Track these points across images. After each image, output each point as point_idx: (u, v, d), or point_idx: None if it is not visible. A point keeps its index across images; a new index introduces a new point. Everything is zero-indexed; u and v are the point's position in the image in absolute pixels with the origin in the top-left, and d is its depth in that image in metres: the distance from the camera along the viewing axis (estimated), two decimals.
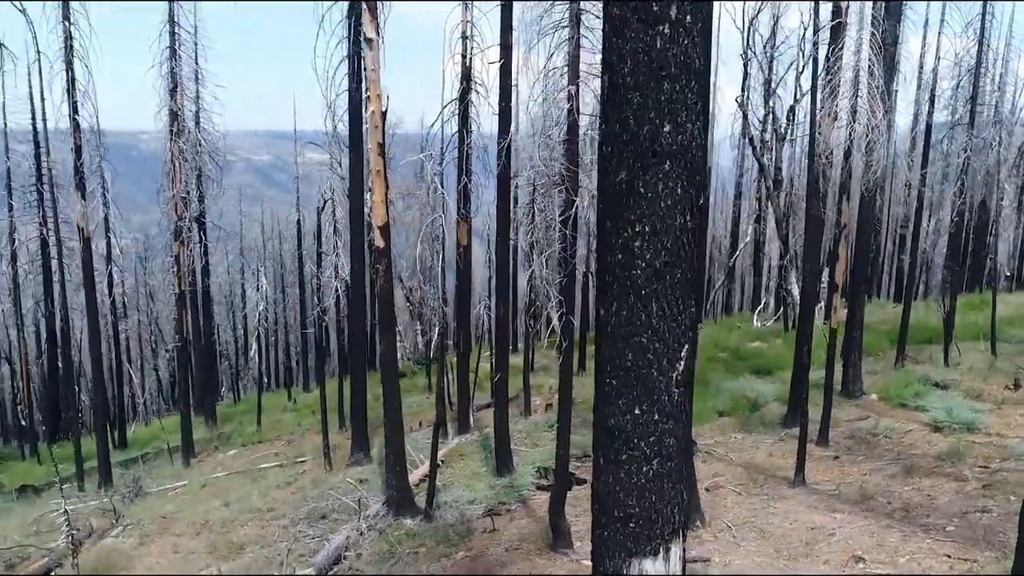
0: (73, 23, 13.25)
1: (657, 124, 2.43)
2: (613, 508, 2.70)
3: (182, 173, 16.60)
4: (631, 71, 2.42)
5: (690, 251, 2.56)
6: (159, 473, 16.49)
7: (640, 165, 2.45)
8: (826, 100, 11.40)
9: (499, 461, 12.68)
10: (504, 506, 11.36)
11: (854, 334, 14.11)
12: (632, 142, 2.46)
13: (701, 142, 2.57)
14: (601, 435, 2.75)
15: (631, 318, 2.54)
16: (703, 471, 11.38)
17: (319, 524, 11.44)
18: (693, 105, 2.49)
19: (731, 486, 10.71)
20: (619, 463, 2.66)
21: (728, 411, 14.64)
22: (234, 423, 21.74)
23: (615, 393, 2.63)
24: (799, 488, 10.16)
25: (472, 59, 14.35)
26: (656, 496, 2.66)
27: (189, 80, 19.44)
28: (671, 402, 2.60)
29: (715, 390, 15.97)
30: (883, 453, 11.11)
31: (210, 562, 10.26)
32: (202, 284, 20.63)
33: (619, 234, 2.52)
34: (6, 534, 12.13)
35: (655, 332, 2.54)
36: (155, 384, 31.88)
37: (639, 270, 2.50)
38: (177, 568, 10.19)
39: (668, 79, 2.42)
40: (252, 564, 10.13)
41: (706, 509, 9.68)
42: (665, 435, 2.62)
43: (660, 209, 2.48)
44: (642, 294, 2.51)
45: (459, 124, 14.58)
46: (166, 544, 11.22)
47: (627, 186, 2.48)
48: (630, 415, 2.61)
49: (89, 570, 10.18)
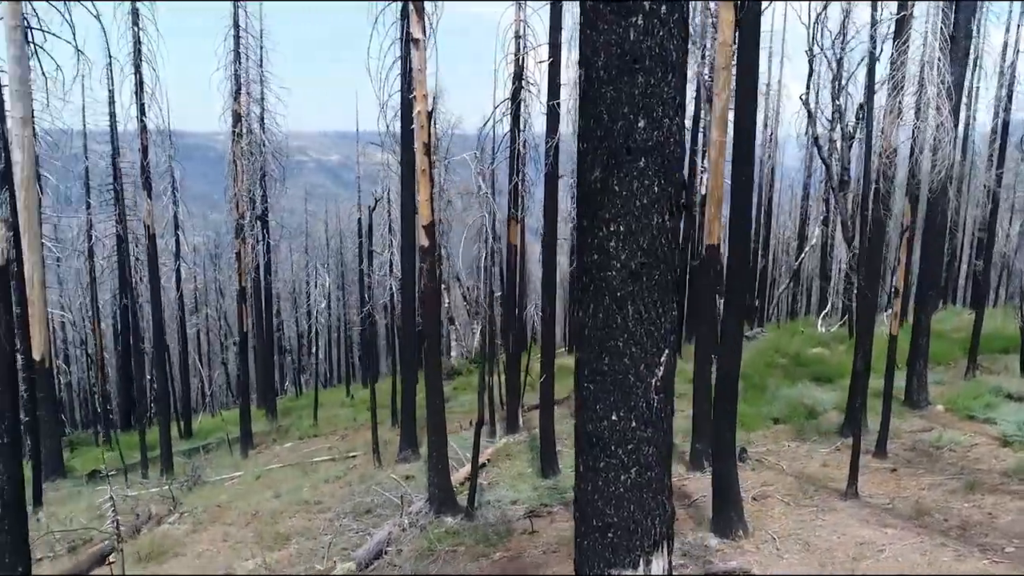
0: (142, 28, 13.84)
1: (631, 119, 2.33)
2: (592, 517, 2.61)
3: (244, 173, 17.11)
4: (604, 65, 2.33)
5: (669, 252, 2.45)
6: (218, 463, 17.03)
7: (614, 162, 2.36)
8: (889, 97, 10.94)
9: (544, 462, 12.60)
10: (546, 508, 11.27)
11: (920, 341, 13.48)
12: (606, 138, 2.37)
13: (679, 138, 2.45)
14: (581, 441, 2.66)
15: (607, 321, 2.45)
16: (752, 480, 11.06)
17: (363, 519, 11.59)
18: (670, 100, 2.38)
19: (779, 496, 10.36)
20: (597, 470, 2.57)
21: (783, 418, 14.18)
22: (293, 417, 22.29)
23: (592, 398, 2.54)
24: (851, 500, 9.75)
25: (524, 58, 14.32)
26: (635, 506, 2.55)
27: (254, 82, 20.04)
28: (649, 409, 2.50)
29: (771, 396, 15.50)
30: (945, 467, 10.57)
31: (256, 552, 10.50)
32: (264, 281, 21.21)
33: (594, 233, 2.43)
34: (73, 517, 12.69)
35: (632, 336, 2.44)
36: (223, 377, 32.99)
37: (614, 271, 2.41)
38: (224, 555, 10.48)
39: (642, 72, 2.32)
40: (296, 555, 10.33)
41: (750, 519, 9.39)
42: (643, 443, 2.51)
43: (635, 208, 2.38)
44: (617, 296, 2.42)
45: (511, 124, 14.58)
46: (217, 532, 11.55)
47: (601, 184, 2.39)
48: (607, 421, 2.52)
49: (143, 553, 10.57)
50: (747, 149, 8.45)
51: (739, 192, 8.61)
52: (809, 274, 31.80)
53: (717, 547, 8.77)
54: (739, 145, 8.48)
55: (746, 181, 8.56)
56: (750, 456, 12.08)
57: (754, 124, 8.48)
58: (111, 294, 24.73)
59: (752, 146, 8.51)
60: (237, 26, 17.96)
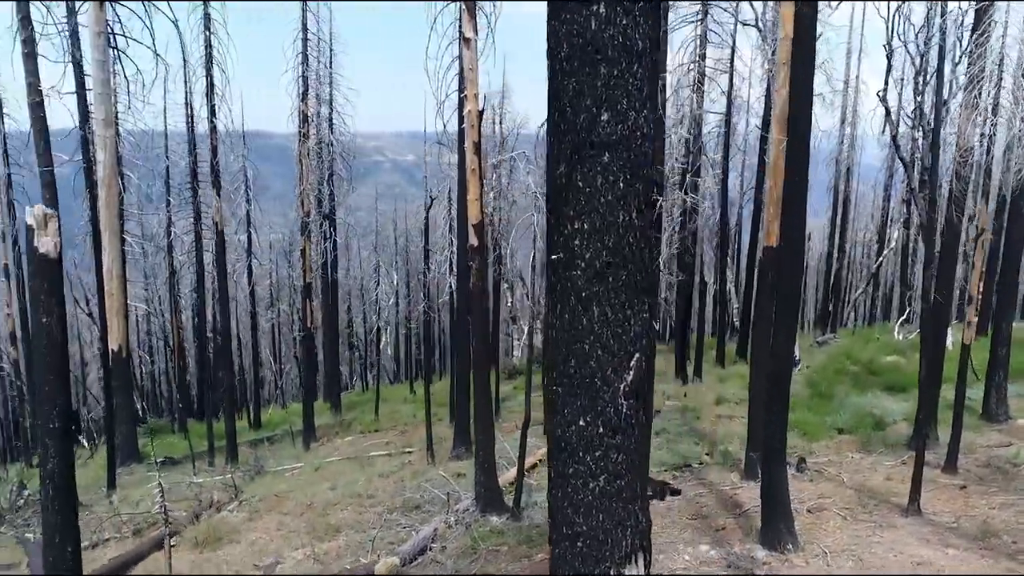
0: (213, 32, 14.38)
1: (594, 112, 2.23)
2: (562, 524, 2.52)
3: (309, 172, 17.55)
4: (567, 56, 2.24)
5: (638, 251, 2.33)
6: (281, 454, 17.52)
7: (577, 157, 2.26)
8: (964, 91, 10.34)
9: None
10: None
11: (999, 351, 12.70)
12: (569, 132, 2.27)
13: (648, 132, 2.33)
14: (551, 445, 2.58)
15: (572, 322, 2.36)
16: (808, 491, 10.63)
17: (412, 514, 11.70)
18: (636, 91, 2.26)
19: (836, 509, 9.90)
20: (566, 476, 2.48)
21: (849, 428, 13.60)
22: (357, 411, 22.73)
23: (560, 402, 2.45)
24: (912, 517, 9.24)
25: None
26: (604, 515, 2.45)
27: (324, 84, 20.52)
28: (618, 415, 2.39)
29: (838, 405, 14.90)
30: (1021, 486, 9.91)
31: (306, 541, 10.73)
32: (331, 278, 21.72)
33: (560, 231, 2.34)
34: (141, 500, 13.25)
35: (597, 338, 2.34)
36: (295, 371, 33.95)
37: (579, 270, 2.31)
38: (276, 543, 10.75)
39: (605, 63, 2.21)
40: (344, 547, 10.51)
41: (803, 532, 9.01)
42: (612, 450, 2.41)
43: (600, 205, 2.28)
44: (583, 296, 2.32)
45: None
46: (272, 521, 11.87)
47: (566, 179, 2.30)
48: (575, 426, 2.42)
49: (200, 539, 10.95)
50: (801, 148, 8.10)
51: (792, 192, 8.27)
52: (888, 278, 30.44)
53: (764, 559, 8.46)
54: (793, 144, 8.15)
55: (800, 181, 8.21)
56: (809, 466, 11.62)
57: (809, 122, 8.11)
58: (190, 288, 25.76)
59: (806, 145, 8.16)
60: (305, 28, 18.43)
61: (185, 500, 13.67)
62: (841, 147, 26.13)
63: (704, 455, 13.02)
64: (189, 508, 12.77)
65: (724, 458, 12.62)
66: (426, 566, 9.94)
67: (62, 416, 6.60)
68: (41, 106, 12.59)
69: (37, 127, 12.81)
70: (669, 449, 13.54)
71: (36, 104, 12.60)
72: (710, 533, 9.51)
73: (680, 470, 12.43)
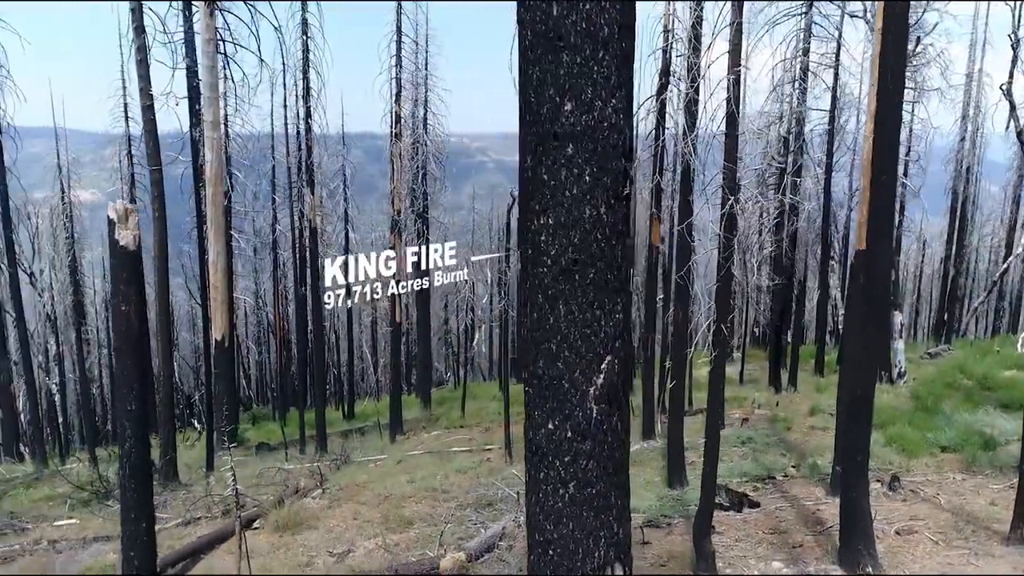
0: (310, 37, 14.98)
1: (557, 102, 2.13)
2: (535, 531, 2.44)
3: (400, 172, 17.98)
4: (531, 43, 2.15)
5: (608, 248, 2.21)
6: (369, 445, 18.03)
7: (542, 149, 2.17)
8: None
9: (671, 473, 12.13)
10: (666, 519, 10.82)
11: None
12: (534, 123, 2.18)
13: (617, 122, 2.20)
14: (526, 449, 2.49)
15: (540, 321, 2.26)
16: (900, 511, 9.94)
17: (484, 511, 11.76)
18: (602, 80, 2.14)
19: (928, 533, 9.20)
20: (538, 481, 2.39)
21: (953, 446, 12.61)
22: (446, 407, 23.10)
23: (531, 403, 2.37)
24: (1015, 546, 8.46)
25: (672, 53, 13.84)
26: (574, 524, 2.34)
27: (419, 85, 20.97)
28: (587, 420, 2.28)
29: (943, 421, 13.86)
30: None
31: (379, 531, 10.99)
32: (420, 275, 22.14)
33: (527, 227, 2.26)
34: None
35: (564, 339, 2.24)
36: None
37: (545, 267, 2.22)
38: (351, 532, 11.06)
39: (567, 50, 2.11)
40: (414, 539, 10.69)
41: (887, 554, 8.43)
42: (581, 456, 2.30)
43: (565, 199, 2.18)
44: (549, 294, 2.23)
45: (656, 120, 14.15)
46: (349, 510, 12.22)
47: (532, 173, 2.21)
48: (544, 430, 2.33)
49: (281, 523, 11.41)
50: (889, 145, 7.58)
51: (880, 192, 7.74)
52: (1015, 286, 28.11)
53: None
54: (880, 140, 7.64)
55: (888, 180, 7.68)
56: (903, 485, 10.87)
57: (898, 118, 7.58)
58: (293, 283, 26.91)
59: (894, 141, 7.62)
60: (399, 31, 18.90)
61: (273, 485, 14.30)
62: (961, 145, 24.30)
63: (790, 467, 12.43)
64: (276, 493, 13.33)
65: (811, 471, 12.01)
66: (492, 564, 9.96)
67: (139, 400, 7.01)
68: (152, 109, 13.48)
69: (148, 128, 13.73)
70: (754, 460, 13.02)
71: (147, 107, 13.51)
72: (786, 549, 9.06)
73: (763, 482, 11.92)
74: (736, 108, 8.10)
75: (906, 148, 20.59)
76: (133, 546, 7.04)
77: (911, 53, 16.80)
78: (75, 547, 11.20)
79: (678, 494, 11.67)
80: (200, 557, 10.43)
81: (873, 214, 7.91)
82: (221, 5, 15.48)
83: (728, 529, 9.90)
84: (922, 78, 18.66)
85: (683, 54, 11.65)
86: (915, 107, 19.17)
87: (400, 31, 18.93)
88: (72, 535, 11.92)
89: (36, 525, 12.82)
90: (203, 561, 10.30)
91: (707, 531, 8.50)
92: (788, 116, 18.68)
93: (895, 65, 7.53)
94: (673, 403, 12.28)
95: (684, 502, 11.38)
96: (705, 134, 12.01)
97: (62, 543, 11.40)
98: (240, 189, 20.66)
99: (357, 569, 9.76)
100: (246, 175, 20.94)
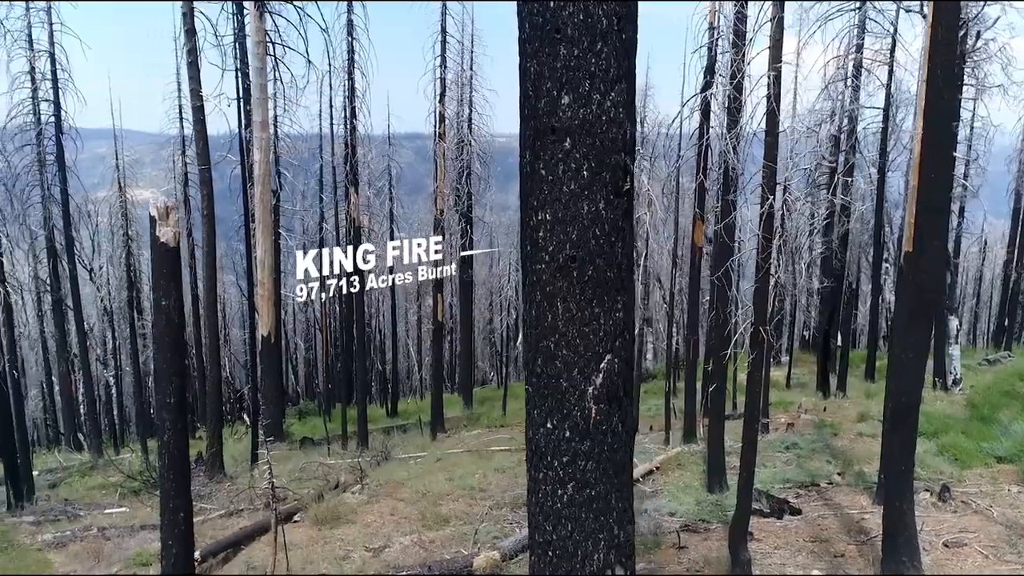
0: (355, 38, 15.19)
1: (554, 95, 2.09)
2: (535, 531, 2.40)
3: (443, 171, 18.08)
4: (528, 37, 2.12)
5: (607, 245, 2.16)
6: (409, 443, 18.16)
7: (540, 143, 2.13)
8: None
9: (711, 477, 11.93)
10: (704, 524, 10.65)
11: None
12: (532, 117, 2.15)
13: (616, 116, 2.14)
14: (527, 448, 2.46)
15: (539, 319, 2.23)
16: (949, 523, 9.59)
17: (520, 511, 11.72)
18: (601, 73, 2.09)
19: (979, 546, 8.85)
20: (537, 481, 2.35)
21: (1010, 457, 12.11)
22: (487, 406, 23.14)
23: (531, 402, 2.33)
24: None
25: (716, 51, 13.63)
26: (572, 525, 2.30)
27: (464, 85, 21.06)
28: (585, 420, 2.23)
29: (1000, 431, 13.32)
30: None
31: (416, 528, 11.06)
32: (465, 275, 22.26)
33: (526, 223, 2.22)
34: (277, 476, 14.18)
35: (562, 337, 2.20)
36: None
37: (543, 264, 2.18)
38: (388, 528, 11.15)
39: (564, 43, 2.07)
40: (450, 537, 10.72)
41: (934, 567, 8.14)
42: (580, 457, 2.25)
43: (562, 194, 2.14)
44: (546, 291, 2.19)
45: (700, 119, 13.94)
46: (387, 506, 12.31)
47: (530, 168, 2.18)
48: (543, 429, 2.29)
49: (320, 517, 11.57)
50: (941, 143, 7.31)
51: (930, 191, 7.46)
52: None
53: None
54: (931, 139, 7.35)
55: (938, 179, 7.39)
56: (954, 496, 10.48)
57: (949, 115, 7.30)
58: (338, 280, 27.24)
59: (945, 139, 7.35)
60: (444, 32, 19.01)
61: (315, 479, 14.51)
62: None
63: (835, 475, 12.11)
64: (317, 487, 13.52)
65: (857, 480, 11.68)
66: (526, 564, 9.94)
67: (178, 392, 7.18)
68: (201, 110, 13.83)
69: (198, 129, 14.10)
70: (798, 466, 12.75)
71: (197, 108, 13.87)
72: (827, 559, 8.83)
73: (806, 489, 11.65)
74: (776, 105, 7.90)
75: (966, 147, 19.87)
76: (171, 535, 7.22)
77: (971, 48, 16.17)
78: (123, 534, 11.53)
79: (717, 499, 11.47)
80: (241, 548, 10.63)
81: (922, 214, 7.63)
82: (270, 7, 15.78)
83: (767, 536, 9.69)
84: (983, 74, 17.94)
85: (727, 51, 11.45)
86: (976, 104, 18.47)
87: (444, 32, 19.05)
88: (121, 523, 12.29)
89: (88, 512, 13.27)
90: (243, 552, 10.51)
91: (743, 537, 8.33)
92: (839, 114, 18.18)
93: (946, 59, 7.24)
94: (714, 406, 12.08)
95: (723, 507, 11.18)
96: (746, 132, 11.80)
97: (111, 530, 11.75)
98: (289, 188, 21.04)
99: (392, 565, 9.82)
100: (295, 175, 21.31)
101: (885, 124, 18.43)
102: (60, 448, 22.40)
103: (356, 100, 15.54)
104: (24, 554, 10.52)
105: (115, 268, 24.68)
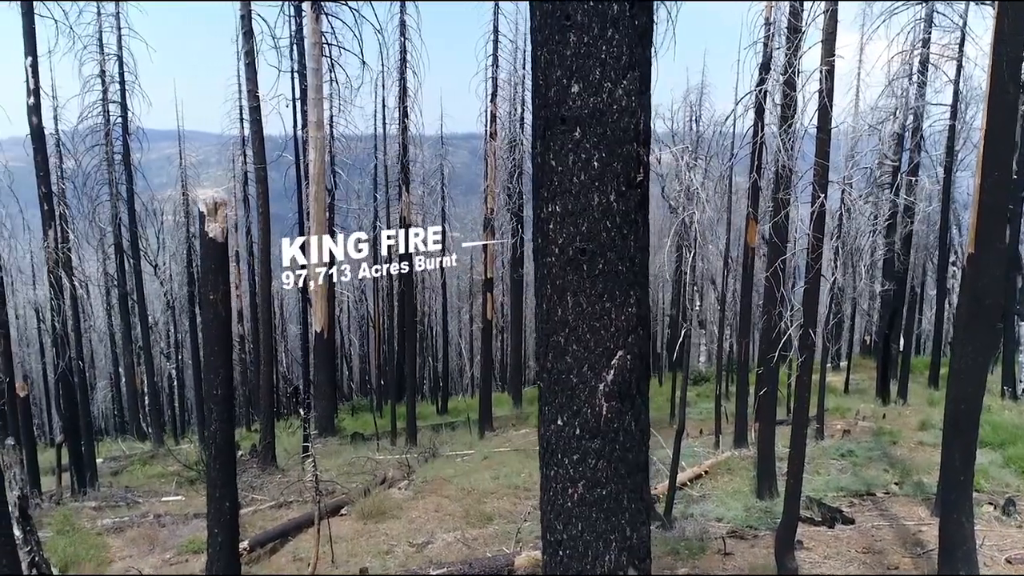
0: (408, 39, 15.35)
1: (564, 84, 2.04)
2: (546, 530, 2.36)
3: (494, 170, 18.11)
4: (539, 25, 2.07)
5: (619, 238, 2.10)
6: (457, 440, 18.25)
7: (550, 133, 2.08)
8: None
9: (760, 482, 11.64)
10: (752, 530, 10.40)
11: None
12: (543, 107, 2.10)
13: (629, 105, 2.07)
14: (540, 445, 2.41)
15: (549, 313, 2.18)
16: (1013, 538, 9.15)
17: None
18: (612, 60, 2.03)
19: None
20: (548, 479, 2.31)
21: None
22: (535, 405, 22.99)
23: (542, 398, 2.29)
24: None
25: (772, 47, 13.29)
26: (584, 525, 2.24)
27: (516, 84, 21.06)
28: (596, 417, 2.17)
29: None
30: None
31: (459, 525, 11.10)
32: (515, 273, 22.24)
33: (537, 214, 2.18)
34: (326, 469, 14.42)
35: (572, 332, 2.14)
36: None
37: (553, 257, 2.13)
38: (431, 524, 11.22)
39: (574, 30, 2.01)
40: (492, 535, 10.73)
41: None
42: (590, 455, 2.20)
43: (572, 185, 2.08)
44: (557, 285, 2.14)
45: (755, 116, 13.62)
46: (432, 502, 12.39)
47: (541, 159, 2.13)
48: (553, 426, 2.25)
49: (366, 511, 11.71)
50: (1002, 139, 6.96)
51: (992, 191, 7.12)
52: None
53: None
54: (993, 134, 7.01)
55: (1001, 177, 7.05)
56: (1020, 510, 10.00)
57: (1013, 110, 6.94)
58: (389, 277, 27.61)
59: (1009, 136, 7.00)
60: (496, 31, 19.03)
61: (363, 474, 14.70)
62: None
63: (892, 484, 11.69)
64: (364, 482, 13.70)
65: (915, 490, 11.25)
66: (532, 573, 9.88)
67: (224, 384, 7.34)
68: (258, 110, 14.16)
69: (254, 129, 14.44)
70: (853, 474, 12.35)
71: (254, 108, 14.20)
72: (879, 570, 8.53)
73: (861, 498, 11.27)
74: (829, 101, 7.65)
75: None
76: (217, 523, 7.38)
77: None
78: (177, 522, 11.88)
79: (767, 505, 11.19)
80: (288, 539, 10.84)
81: (984, 214, 7.28)
82: (326, 7, 16.05)
83: (817, 545, 9.40)
84: None
85: (782, 46, 11.15)
86: None
87: (497, 31, 19.08)
88: (176, 511, 12.67)
89: (146, 499, 13.72)
90: (290, 543, 10.71)
91: (790, 545, 8.10)
92: (903, 111, 17.54)
93: (1012, 51, 6.89)
94: (764, 410, 11.79)
95: (772, 514, 10.89)
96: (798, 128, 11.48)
97: (166, 517, 12.13)
98: (344, 187, 21.38)
99: (434, 560, 9.87)
100: (349, 174, 21.64)
101: (953, 122, 17.71)
102: (124, 437, 23.24)
103: (408, 100, 15.70)
104: (84, 538, 10.92)
105: (177, 264, 25.50)
